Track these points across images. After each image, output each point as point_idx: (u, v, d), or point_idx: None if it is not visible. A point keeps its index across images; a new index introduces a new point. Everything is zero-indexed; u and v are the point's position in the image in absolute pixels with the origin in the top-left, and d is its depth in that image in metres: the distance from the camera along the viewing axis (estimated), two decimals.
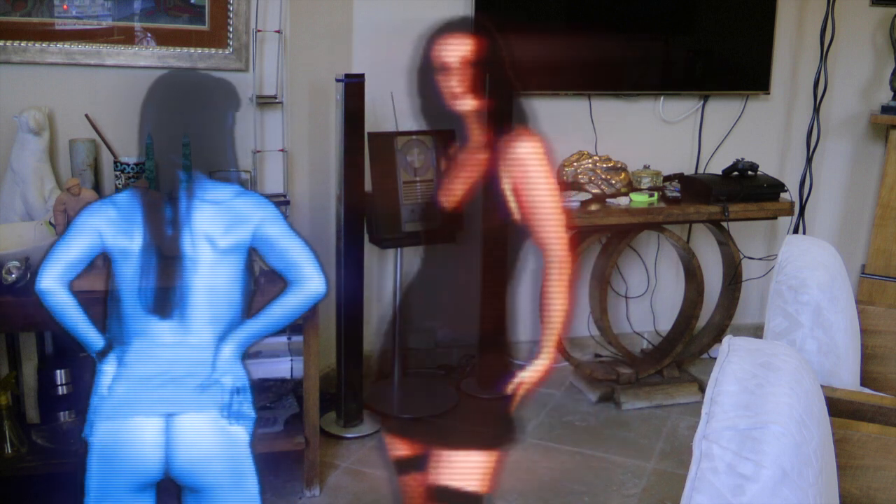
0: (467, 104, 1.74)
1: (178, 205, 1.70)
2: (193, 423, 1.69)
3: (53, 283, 1.70)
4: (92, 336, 1.76)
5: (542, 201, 1.68)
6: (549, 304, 1.69)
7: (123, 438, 1.67)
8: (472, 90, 1.72)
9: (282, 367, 2.97)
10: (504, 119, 1.72)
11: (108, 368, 1.73)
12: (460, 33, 1.73)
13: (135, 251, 1.69)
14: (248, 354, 1.81)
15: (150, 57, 2.84)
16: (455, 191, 1.80)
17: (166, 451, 1.68)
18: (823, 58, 3.64)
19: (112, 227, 1.70)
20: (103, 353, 1.75)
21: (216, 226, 1.71)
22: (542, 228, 1.70)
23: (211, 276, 1.71)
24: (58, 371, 2.67)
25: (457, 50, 1.72)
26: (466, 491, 1.73)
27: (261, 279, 2.53)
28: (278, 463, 2.84)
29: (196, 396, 1.70)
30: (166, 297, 1.68)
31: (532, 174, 1.67)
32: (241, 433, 1.73)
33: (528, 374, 1.72)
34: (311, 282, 1.75)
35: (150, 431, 1.67)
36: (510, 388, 1.73)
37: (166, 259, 1.68)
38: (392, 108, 3.32)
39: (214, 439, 1.71)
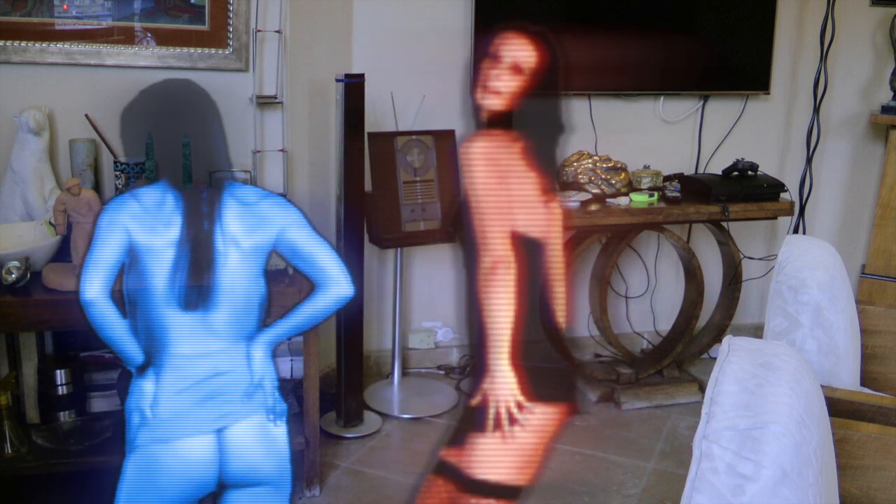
0: (492, 103, 1.68)
1: (211, 200, 1.69)
2: (242, 431, 1.70)
3: (98, 294, 1.62)
4: (132, 350, 1.70)
5: (481, 200, 1.62)
6: (495, 309, 1.60)
7: (173, 460, 1.66)
8: (505, 93, 1.67)
9: (282, 367, 2.97)
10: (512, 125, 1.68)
11: (148, 387, 1.68)
12: (526, 36, 1.69)
13: (162, 246, 1.66)
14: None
15: (150, 57, 2.84)
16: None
17: (220, 464, 1.69)
18: (823, 58, 3.64)
19: (138, 223, 1.66)
20: (142, 369, 1.71)
21: (241, 226, 1.71)
22: (480, 227, 1.62)
23: (234, 276, 1.70)
24: (58, 371, 2.67)
25: (515, 51, 1.67)
26: (505, 484, 1.69)
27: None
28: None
29: (242, 405, 1.71)
30: (198, 293, 1.67)
31: (471, 175, 1.62)
32: (281, 428, 1.77)
33: (486, 393, 1.65)
34: (338, 285, 1.75)
35: (200, 449, 1.67)
36: (475, 401, 1.67)
37: (200, 251, 1.66)
38: (392, 108, 3.32)
39: (262, 441, 1.73)
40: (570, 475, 2.90)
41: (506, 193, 1.64)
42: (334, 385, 3.21)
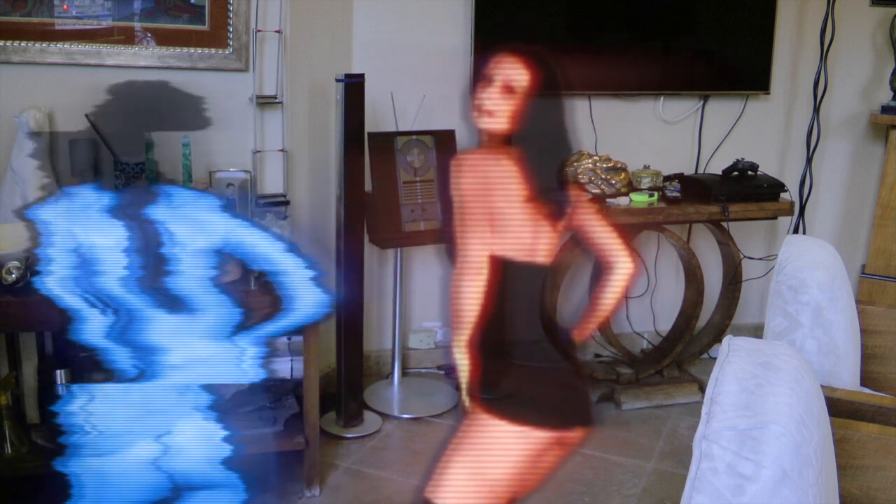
0: (487, 123, 1.70)
1: (164, 205, 1.70)
2: (185, 434, 1.70)
3: None
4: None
5: (464, 209, 1.66)
6: (462, 306, 1.65)
7: (119, 470, 1.68)
8: (499, 114, 1.68)
9: (282, 367, 2.97)
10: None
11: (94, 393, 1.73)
12: (519, 57, 1.68)
13: (112, 249, 1.68)
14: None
15: (150, 57, 2.84)
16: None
17: (167, 467, 1.68)
18: (823, 58, 3.64)
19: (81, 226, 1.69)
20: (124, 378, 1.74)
21: (189, 231, 1.71)
22: (460, 234, 1.67)
23: (187, 280, 1.71)
24: (58, 371, 2.67)
25: (506, 71, 1.67)
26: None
27: (261, 278, 2.53)
28: (278, 463, 2.84)
29: (184, 407, 1.70)
30: (165, 293, 1.67)
31: (458, 184, 1.67)
32: (216, 429, 1.76)
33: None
34: (303, 279, 1.75)
35: (145, 455, 1.68)
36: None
37: (154, 260, 1.67)
38: (392, 108, 3.32)
39: (204, 444, 1.72)
40: (570, 475, 2.89)
41: (489, 208, 1.66)
42: (334, 385, 3.21)
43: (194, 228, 1.71)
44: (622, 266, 1.79)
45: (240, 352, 1.76)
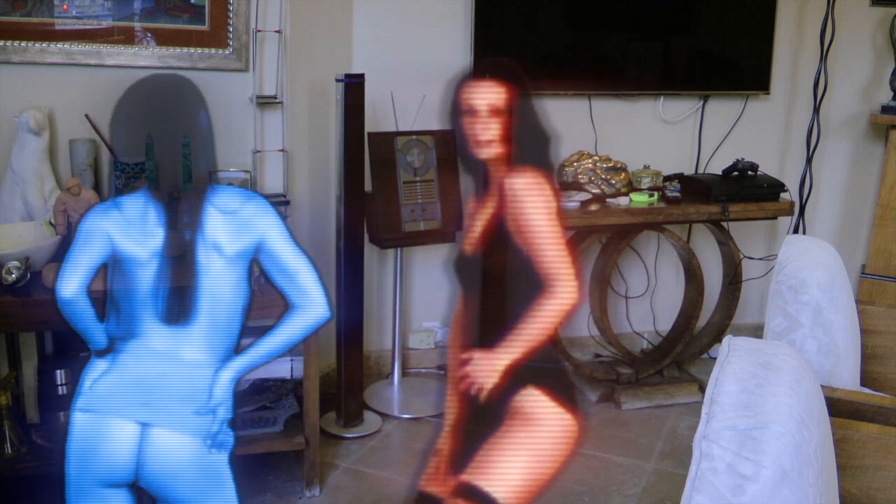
0: (490, 152, 1.70)
1: (192, 209, 1.69)
2: (170, 438, 1.67)
3: (75, 293, 1.71)
4: (98, 336, 1.78)
5: (542, 235, 1.62)
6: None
7: (98, 434, 1.67)
8: (498, 138, 1.68)
9: (282, 367, 2.97)
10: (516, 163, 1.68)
11: (100, 365, 1.73)
12: (490, 79, 1.69)
13: (145, 256, 1.67)
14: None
15: (150, 57, 2.84)
16: (475, 237, 1.77)
17: (138, 458, 1.66)
18: (823, 58, 3.64)
19: (120, 231, 1.68)
20: (103, 352, 1.76)
21: (224, 233, 1.69)
22: (545, 261, 1.62)
23: (217, 285, 1.70)
24: (58, 371, 2.67)
25: (485, 97, 1.68)
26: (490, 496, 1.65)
27: (261, 279, 2.53)
28: (278, 463, 2.84)
29: (182, 416, 1.68)
30: (179, 303, 1.67)
31: (528, 208, 1.63)
32: (221, 458, 1.72)
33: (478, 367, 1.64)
34: (316, 307, 1.73)
35: (124, 434, 1.66)
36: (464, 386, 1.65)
37: (181, 265, 1.66)
38: (392, 108, 3.32)
39: (188, 459, 1.68)
40: (570, 475, 2.89)
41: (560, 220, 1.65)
42: (334, 385, 3.21)
43: (235, 231, 1.70)
44: (565, 294, 1.59)
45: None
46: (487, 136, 1.68)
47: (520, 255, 1.66)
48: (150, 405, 1.67)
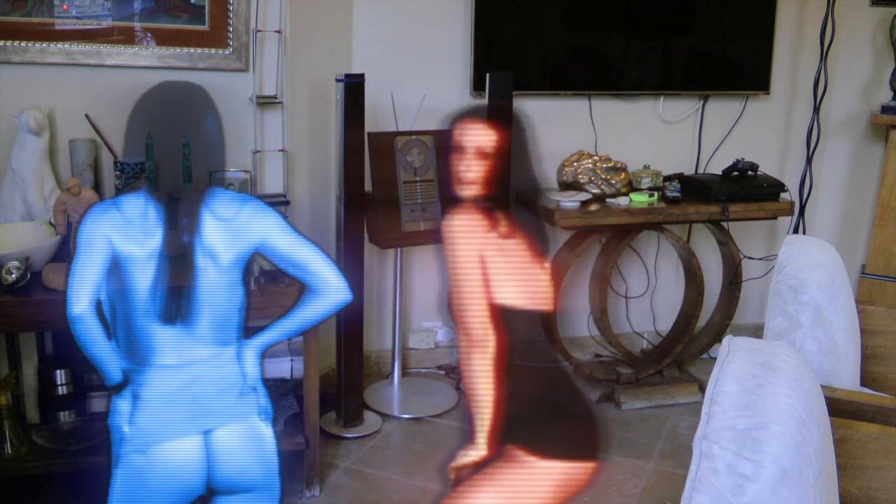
0: (470, 192, 1.72)
1: (191, 211, 1.68)
2: (230, 434, 1.70)
3: (85, 309, 1.65)
4: (113, 368, 1.70)
5: (464, 280, 1.64)
6: (475, 390, 1.62)
7: (162, 464, 1.66)
8: (478, 180, 1.71)
9: (282, 367, 2.97)
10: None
11: (123, 405, 1.69)
12: (485, 121, 1.71)
13: (143, 257, 1.66)
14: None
15: (150, 57, 2.84)
16: None
17: (208, 466, 1.69)
18: (823, 58, 3.64)
19: (120, 232, 1.66)
20: (119, 388, 1.71)
21: (220, 242, 1.69)
22: (458, 304, 1.64)
23: (214, 288, 1.70)
24: (58, 371, 2.67)
25: (475, 138, 1.70)
26: None
27: (261, 279, 2.54)
28: (278, 463, 2.83)
29: (233, 407, 1.71)
30: (178, 303, 1.67)
31: (451, 250, 1.65)
32: (269, 430, 1.77)
33: (465, 461, 1.66)
34: (336, 291, 1.74)
35: (189, 450, 1.67)
36: (452, 471, 1.67)
37: (179, 265, 1.66)
38: (392, 108, 3.32)
39: (251, 445, 1.73)
40: None
41: (485, 267, 1.65)
42: (334, 385, 3.21)
43: (231, 239, 1.70)
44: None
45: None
46: (469, 176, 1.71)
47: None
48: (200, 412, 1.68)
